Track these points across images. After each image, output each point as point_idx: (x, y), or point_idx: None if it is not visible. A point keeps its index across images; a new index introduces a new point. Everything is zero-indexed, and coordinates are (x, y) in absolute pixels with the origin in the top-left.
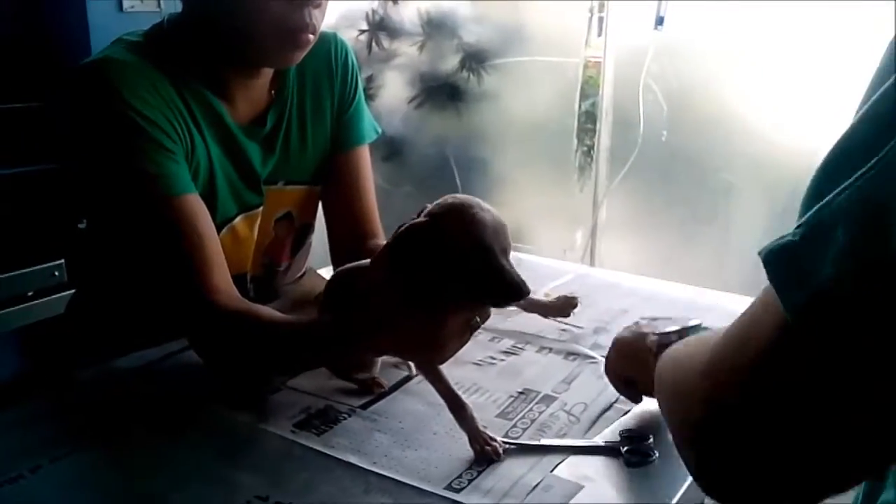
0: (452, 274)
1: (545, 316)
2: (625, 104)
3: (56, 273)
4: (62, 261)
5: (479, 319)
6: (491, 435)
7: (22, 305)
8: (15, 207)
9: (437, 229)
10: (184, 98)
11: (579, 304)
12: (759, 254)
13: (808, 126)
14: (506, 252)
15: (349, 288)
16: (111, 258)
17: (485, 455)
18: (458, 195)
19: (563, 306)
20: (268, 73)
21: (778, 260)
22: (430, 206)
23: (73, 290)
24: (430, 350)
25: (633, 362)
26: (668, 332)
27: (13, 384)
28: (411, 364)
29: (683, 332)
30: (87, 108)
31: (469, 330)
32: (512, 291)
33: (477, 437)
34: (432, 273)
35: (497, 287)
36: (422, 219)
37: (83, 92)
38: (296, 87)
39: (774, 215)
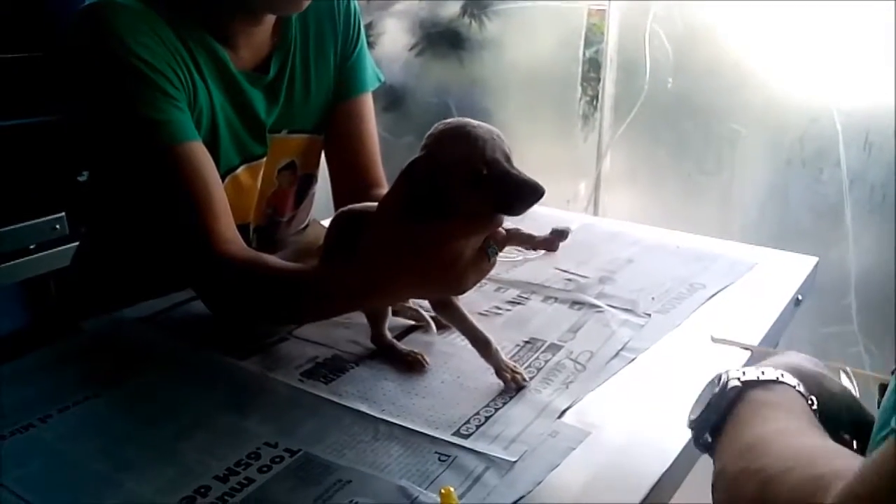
0: (464, 195)
1: (533, 249)
2: (630, 50)
3: (57, 226)
4: (63, 213)
5: (495, 246)
6: (514, 364)
7: (24, 258)
8: (14, 160)
9: (438, 156)
10: (185, 43)
11: (568, 234)
12: None
13: (816, 74)
14: (509, 159)
15: (355, 229)
16: (115, 208)
17: (515, 382)
18: (448, 119)
19: (551, 240)
20: (270, 19)
21: None
22: (425, 139)
23: (74, 243)
24: (451, 279)
25: None
26: (693, 419)
27: (20, 336)
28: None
29: (708, 410)
30: (86, 54)
31: (486, 256)
32: (527, 191)
33: (504, 368)
34: (443, 201)
35: (511, 191)
36: (420, 153)
37: (82, 37)
38: (298, 33)
39: (780, 164)
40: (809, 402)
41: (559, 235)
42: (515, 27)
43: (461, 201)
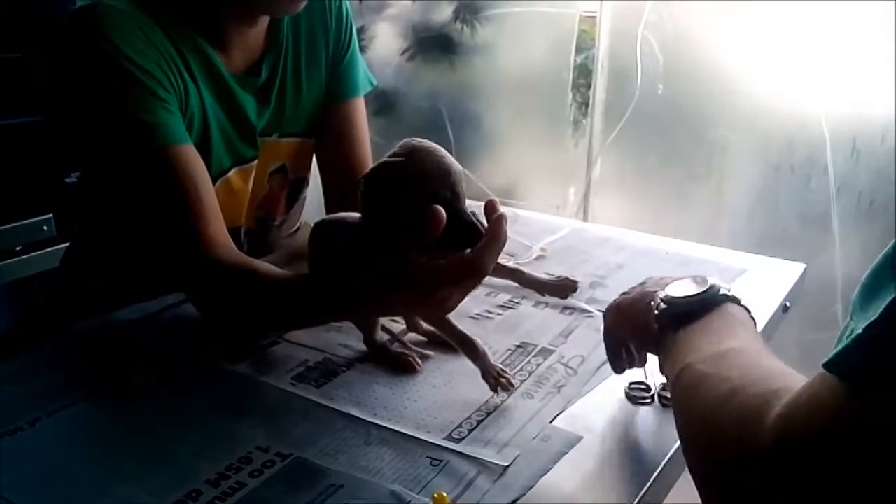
0: (419, 214)
1: (541, 294)
2: (621, 57)
3: (45, 227)
4: (50, 215)
5: None
6: (503, 368)
7: (11, 260)
8: (0, 161)
9: (409, 166)
10: (176, 46)
11: (578, 288)
12: (828, 366)
13: (805, 81)
14: (463, 199)
15: (334, 239)
16: (105, 210)
17: (500, 386)
18: (419, 139)
19: (562, 287)
20: (264, 21)
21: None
22: (395, 149)
23: (62, 245)
24: (438, 310)
25: (630, 325)
26: (677, 299)
27: (8, 338)
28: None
29: (693, 302)
30: (77, 56)
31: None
32: (473, 234)
33: (490, 371)
34: (404, 213)
35: (459, 229)
36: (395, 158)
37: (73, 40)
38: (290, 36)
39: (768, 171)
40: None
41: (569, 285)
42: (507, 33)
43: (415, 220)
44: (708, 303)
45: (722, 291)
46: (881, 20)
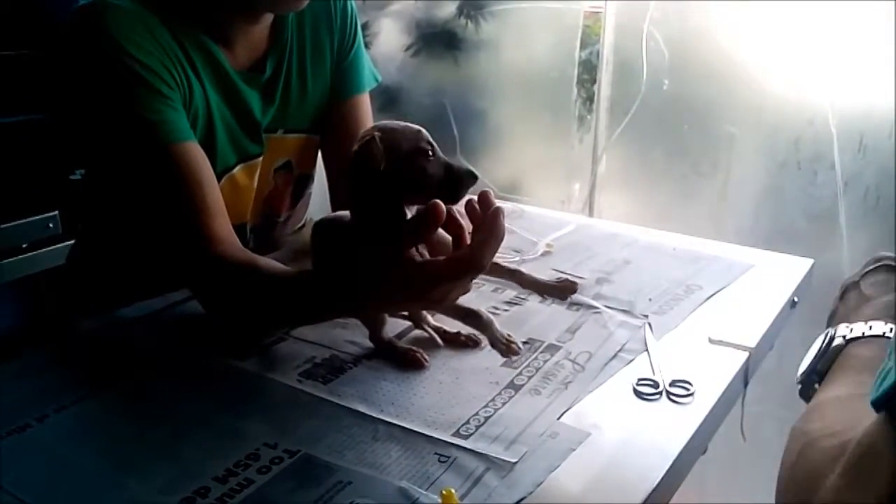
0: (407, 180)
1: (541, 295)
2: (626, 52)
3: (51, 225)
4: (56, 212)
5: None
6: (508, 334)
7: (17, 257)
8: (6, 158)
9: (383, 140)
10: (181, 43)
11: (577, 290)
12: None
13: (811, 76)
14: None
15: (334, 238)
16: (110, 208)
17: (510, 352)
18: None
19: (561, 289)
20: (268, 18)
21: None
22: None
23: (68, 242)
24: (439, 306)
25: None
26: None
27: (14, 335)
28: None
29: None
30: (81, 55)
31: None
32: (466, 174)
33: (499, 338)
34: (390, 187)
35: (451, 178)
36: (367, 137)
37: (76, 38)
38: (295, 32)
39: (775, 166)
40: None
41: (569, 287)
42: (511, 28)
43: (417, 173)
44: (825, 360)
45: (836, 342)
46: (889, 15)
